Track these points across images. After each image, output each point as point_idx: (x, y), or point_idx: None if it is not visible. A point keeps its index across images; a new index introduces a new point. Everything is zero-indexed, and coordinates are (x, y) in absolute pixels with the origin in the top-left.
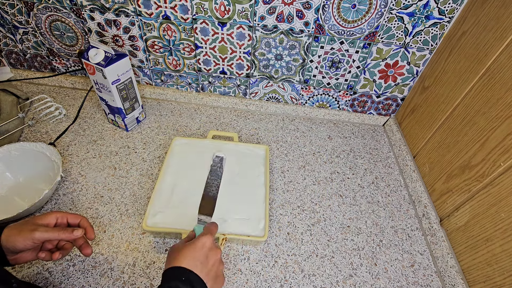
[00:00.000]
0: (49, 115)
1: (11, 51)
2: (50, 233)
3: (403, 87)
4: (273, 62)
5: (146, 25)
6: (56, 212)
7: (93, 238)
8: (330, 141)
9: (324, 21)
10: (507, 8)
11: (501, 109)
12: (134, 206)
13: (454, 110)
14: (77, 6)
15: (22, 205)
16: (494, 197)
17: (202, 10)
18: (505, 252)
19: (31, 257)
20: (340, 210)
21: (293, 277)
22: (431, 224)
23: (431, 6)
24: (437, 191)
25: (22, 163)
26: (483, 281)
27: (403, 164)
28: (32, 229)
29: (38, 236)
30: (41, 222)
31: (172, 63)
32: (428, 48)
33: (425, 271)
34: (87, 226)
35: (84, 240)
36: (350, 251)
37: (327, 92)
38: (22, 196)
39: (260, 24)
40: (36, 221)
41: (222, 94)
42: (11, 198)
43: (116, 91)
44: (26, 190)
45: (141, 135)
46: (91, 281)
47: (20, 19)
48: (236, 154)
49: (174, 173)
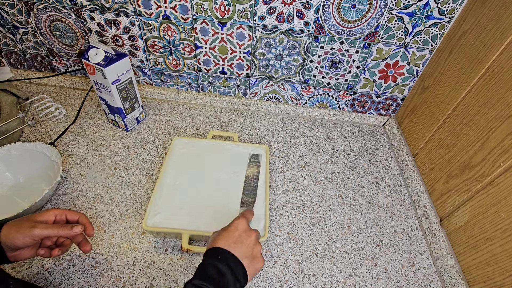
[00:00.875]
0: (49, 115)
1: (11, 51)
2: (49, 230)
3: (403, 87)
4: (273, 62)
5: (146, 25)
6: (55, 209)
7: (92, 234)
8: (330, 141)
9: (324, 21)
10: (507, 8)
11: (501, 109)
12: (134, 206)
13: (454, 110)
14: (77, 6)
15: (22, 205)
16: (494, 197)
17: (202, 10)
18: (505, 252)
19: (31, 254)
20: (340, 210)
21: (293, 277)
22: (431, 224)
23: (431, 6)
24: (437, 191)
25: (22, 163)
26: (483, 281)
27: (403, 164)
28: (31, 226)
29: (38, 233)
30: (40, 219)
31: (172, 63)
32: (428, 48)
33: (425, 271)
34: (86, 222)
35: (83, 236)
36: (350, 251)
37: (327, 92)
38: (22, 196)
39: (260, 24)
40: (35, 218)
41: (222, 94)
42: (11, 198)
43: (116, 91)
44: (26, 190)
45: (141, 135)
46: (91, 281)
47: (20, 19)
48: (236, 154)
49: (174, 173)
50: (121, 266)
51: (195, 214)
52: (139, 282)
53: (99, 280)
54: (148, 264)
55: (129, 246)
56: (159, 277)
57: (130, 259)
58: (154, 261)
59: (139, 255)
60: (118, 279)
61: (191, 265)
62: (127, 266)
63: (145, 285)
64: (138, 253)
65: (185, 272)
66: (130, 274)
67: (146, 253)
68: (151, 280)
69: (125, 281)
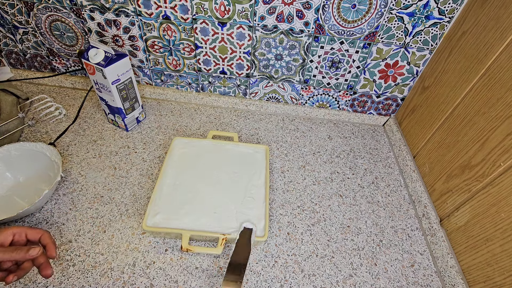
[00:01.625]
0: (49, 115)
1: (11, 51)
2: (1, 254)
3: (403, 87)
4: (273, 62)
5: (146, 25)
6: (14, 228)
7: (54, 256)
8: (330, 141)
9: (324, 21)
10: (507, 8)
11: (501, 109)
12: (134, 206)
13: (454, 110)
14: (77, 6)
15: (22, 205)
16: (494, 197)
17: (202, 10)
18: (505, 252)
19: None
20: (340, 210)
21: (293, 277)
22: (431, 224)
23: (431, 6)
24: (437, 191)
25: (22, 163)
26: (483, 281)
27: (403, 164)
28: None
29: None
30: None
31: (172, 63)
32: (428, 48)
33: (425, 271)
34: (48, 242)
35: (45, 258)
36: (350, 251)
37: (327, 92)
38: (22, 196)
39: (260, 24)
40: None
41: (222, 94)
42: (11, 198)
43: (116, 91)
44: (26, 190)
45: (141, 135)
46: (91, 281)
47: (20, 19)
48: (236, 154)
49: (174, 173)
50: (121, 266)
51: (195, 214)
52: (139, 282)
53: (99, 280)
54: (148, 264)
55: (129, 246)
56: (159, 277)
57: (130, 259)
58: (154, 261)
59: (139, 255)
60: (118, 279)
61: (191, 265)
62: (127, 266)
63: (145, 285)
64: (138, 253)
65: (185, 272)
66: (130, 274)
67: (146, 253)
68: (151, 280)
69: (125, 281)
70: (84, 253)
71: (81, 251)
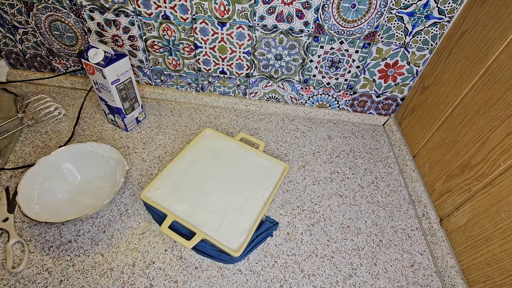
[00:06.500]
0: (48, 115)
1: (11, 51)
2: None
3: (403, 87)
4: (273, 62)
5: (145, 25)
6: None
7: None
8: (330, 141)
9: (324, 21)
10: (507, 8)
11: (501, 109)
12: (134, 206)
13: (454, 109)
14: (76, 6)
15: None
16: (494, 197)
17: (201, 10)
18: (505, 252)
19: None
20: (340, 210)
21: (293, 277)
22: (431, 224)
23: (431, 5)
24: (437, 191)
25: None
26: (483, 281)
27: (403, 164)
28: None
29: None
30: None
31: (171, 63)
32: (428, 48)
33: (425, 271)
34: None
35: None
36: (350, 251)
37: (327, 92)
38: (85, 196)
39: (260, 24)
40: None
41: (222, 94)
42: (75, 199)
43: (116, 91)
44: (87, 190)
45: (140, 135)
46: (90, 281)
47: (19, 19)
48: (254, 162)
49: (190, 160)
50: (120, 266)
51: (187, 204)
52: (139, 282)
53: (98, 280)
54: (148, 264)
55: (128, 246)
56: (159, 277)
57: (129, 259)
58: (154, 261)
59: (139, 255)
60: (118, 279)
61: (191, 265)
62: (126, 266)
63: (145, 285)
64: (138, 253)
65: (185, 272)
66: (130, 274)
67: (145, 253)
68: (150, 280)
69: (125, 281)
70: (84, 253)
71: (80, 251)
